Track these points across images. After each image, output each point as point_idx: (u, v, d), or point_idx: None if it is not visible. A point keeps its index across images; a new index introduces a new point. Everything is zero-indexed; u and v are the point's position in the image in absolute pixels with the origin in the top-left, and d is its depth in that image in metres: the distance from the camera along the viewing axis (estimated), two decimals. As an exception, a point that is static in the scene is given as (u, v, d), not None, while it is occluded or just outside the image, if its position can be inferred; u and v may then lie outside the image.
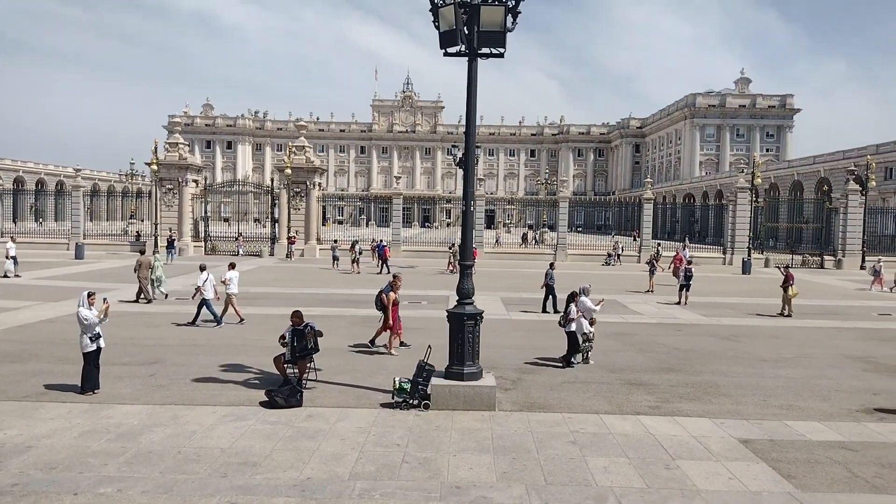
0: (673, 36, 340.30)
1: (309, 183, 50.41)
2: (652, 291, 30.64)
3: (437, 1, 11.06)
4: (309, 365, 13.04)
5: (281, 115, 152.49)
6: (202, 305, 19.64)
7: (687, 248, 40.18)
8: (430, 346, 12.59)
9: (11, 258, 31.83)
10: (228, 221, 78.59)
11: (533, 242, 61.07)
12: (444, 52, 11.41)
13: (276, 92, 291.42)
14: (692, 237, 77.25)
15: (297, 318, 13.03)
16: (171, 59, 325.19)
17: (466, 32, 11.16)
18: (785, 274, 24.67)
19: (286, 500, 7.80)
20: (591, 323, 15.52)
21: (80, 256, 43.77)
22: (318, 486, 8.21)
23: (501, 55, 11.44)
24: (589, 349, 15.53)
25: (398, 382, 11.63)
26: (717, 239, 67.43)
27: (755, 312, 24.69)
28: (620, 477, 8.71)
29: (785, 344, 18.83)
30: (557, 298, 23.38)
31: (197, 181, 52.91)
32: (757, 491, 8.36)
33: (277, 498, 7.83)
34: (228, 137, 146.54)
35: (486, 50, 11.35)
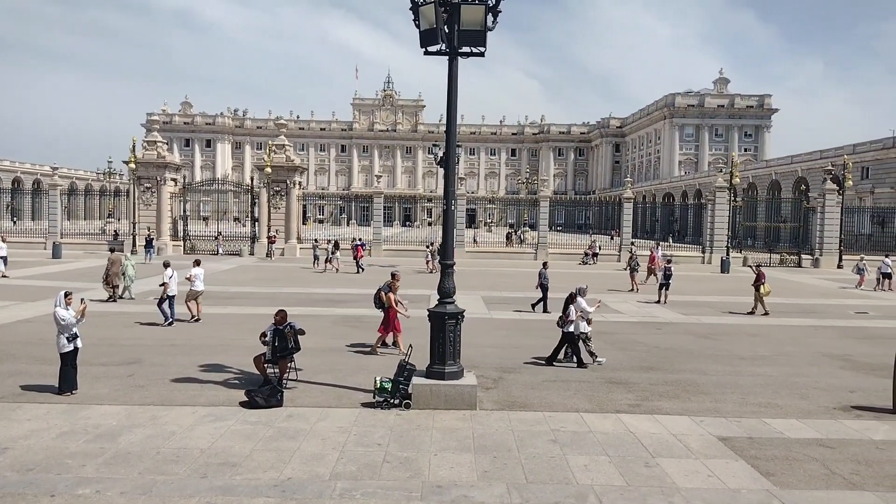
0: (652, 36, 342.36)
1: (289, 182, 50.19)
2: (637, 290, 30.85)
3: (417, -1, 11.05)
4: (290, 365, 12.98)
5: (261, 113, 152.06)
6: (163, 302, 19.53)
7: (661, 247, 40.37)
8: (410, 345, 12.59)
9: (1, 258, 31.47)
10: (208, 220, 78.10)
11: (517, 241, 61.13)
12: (424, 50, 11.40)
13: (255, 90, 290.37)
14: (672, 236, 77.67)
15: (280, 316, 12.97)
16: (149, 56, 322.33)
17: (447, 31, 11.16)
18: (756, 273, 24.93)
19: (266, 500, 7.76)
20: (588, 323, 15.56)
21: (57, 256, 43.31)
22: (298, 486, 8.18)
23: (482, 54, 11.45)
24: (591, 349, 15.53)
25: (379, 382, 11.60)
26: (696, 238, 67.89)
27: (733, 311, 24.87)
28: (601, 475, 8.75)
29: (763, 342, 18.99)
30: (548, 299, 23.42)
31: (176, 180, 52.51)
32: (736, 488, 8.42)
33: (257, 498, 7.79)
34: (208, 136, 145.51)
35: (466, 49, 11.36)
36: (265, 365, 12.73)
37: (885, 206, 59.16)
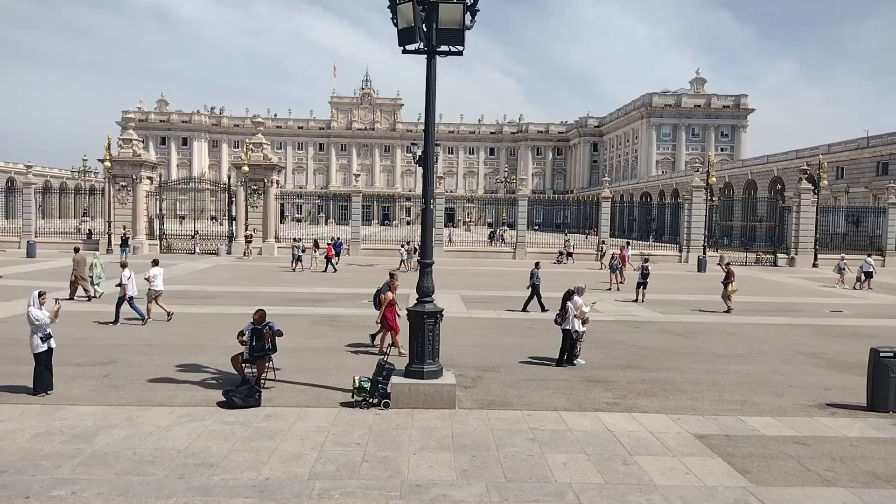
0: (629, 35, 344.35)
1: (267, 180, 49.89)
2: (618, 289, 31.04)
3: (395, -3, 11.02)
4: (268, 364, 12.91)
5: (238, 111, 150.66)
6: (121, 303, 19.40)
7: (630, 246, 40.75)
8: (390, 343, 12.57)
9: None
10: (184, 219, 77.32)
11: (500, 241, 61.09)
12: (402, 49, 11.39)
13: (232, 88, 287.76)
14: (650, 235, 78.18)
15: (258, 315, 12.88)
16: (124, 53, 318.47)
17: (425, 30, 11.15)
18: (726, 271, 25.25)
19: (244, 500, 7.71)
20: (583, 322, 15.57)
21: (31, 255, 42.87)
22: (277, 486, 8.13)
23: (460, 53, 11.44)
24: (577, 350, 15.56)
25: (358, 381, 11.57)
26: (673, 237, 68.38)
27: (709, 310, 25.06)
28: (579, 473, 8.78)
29: (739, 340, 19.16)
30: (534, 300, 23.45)
31: (151, 178, 52.04)
32: (713, 485, 8.49)
33: (235, 499, 7.74)
34: (184, 134, 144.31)
35: (444, 48, 11.35)
36: (243, 365, 12.64)
37: (859, 205, 59.94)
